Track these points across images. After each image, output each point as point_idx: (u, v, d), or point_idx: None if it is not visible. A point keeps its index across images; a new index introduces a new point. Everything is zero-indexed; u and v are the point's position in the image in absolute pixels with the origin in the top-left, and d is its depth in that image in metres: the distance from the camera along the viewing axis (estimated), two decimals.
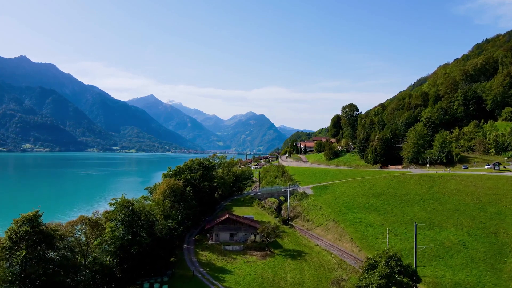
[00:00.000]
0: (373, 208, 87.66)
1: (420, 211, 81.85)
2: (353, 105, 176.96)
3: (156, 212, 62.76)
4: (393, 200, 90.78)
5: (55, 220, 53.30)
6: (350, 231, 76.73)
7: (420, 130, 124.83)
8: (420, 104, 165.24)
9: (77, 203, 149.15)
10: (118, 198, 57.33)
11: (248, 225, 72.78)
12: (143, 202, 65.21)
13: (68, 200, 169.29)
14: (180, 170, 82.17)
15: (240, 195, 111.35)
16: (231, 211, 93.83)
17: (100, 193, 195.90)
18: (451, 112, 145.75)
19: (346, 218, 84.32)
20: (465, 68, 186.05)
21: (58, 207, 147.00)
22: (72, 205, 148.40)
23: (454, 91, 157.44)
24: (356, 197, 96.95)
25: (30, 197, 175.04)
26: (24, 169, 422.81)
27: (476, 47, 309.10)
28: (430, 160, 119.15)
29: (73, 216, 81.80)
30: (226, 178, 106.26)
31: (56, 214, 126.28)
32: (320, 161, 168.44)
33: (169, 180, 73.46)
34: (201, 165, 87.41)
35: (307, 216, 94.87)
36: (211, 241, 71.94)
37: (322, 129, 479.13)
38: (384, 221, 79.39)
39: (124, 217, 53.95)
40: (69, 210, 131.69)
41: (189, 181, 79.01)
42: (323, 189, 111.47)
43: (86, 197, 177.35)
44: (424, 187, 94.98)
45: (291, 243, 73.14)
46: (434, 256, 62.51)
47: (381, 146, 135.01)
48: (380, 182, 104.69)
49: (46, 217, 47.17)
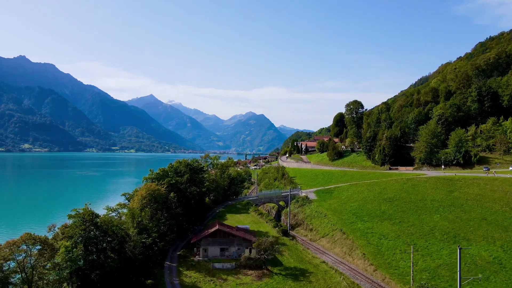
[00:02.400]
0: (385, 216, 76.87)
1: (440, 220, 71.01)
2: (358, 102, 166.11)
3: (129, 225, 52.02)
4: (408, 206, 79.97)
5: (21, 230, 43.09)
6: (361, 244, 65.95)
7: (433, 128, 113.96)
8: (429, 101, 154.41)
9: (59, 208, 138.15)
10: (80, 208, 46.67)
11: (242, 238, 61.99)
12: (110, 215, 54.29)
13: (51, 205, 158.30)
14: (164, 173, 71.16)
15: (235, 200, 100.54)
16: (224, 218, 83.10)
17: (90, 195, 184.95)
18: (465, 109, 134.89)
19: (355, 227, 73.54)
20: (477, 63, 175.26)
21: (35, 213, 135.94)
22: (52, 211, 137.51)
23: (467, 87, 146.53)
24: (365, 203, 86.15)
25: (7, 201, 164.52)
26: (17, 169, 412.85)
27: (479, 45, 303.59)
28: (445, 161, 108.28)
29: (51, 222, 71.48)
30: (219, 181, 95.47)
31: (30, 222, 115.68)
32: (323, 161, 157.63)
33: (150, 185, 62.64)
34: (188, 167, 76.48)
35: (310, 224, 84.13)
36: (198, 257, 61.20)
37: (323, 128, 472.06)
38: (399, 232, 68.61)
39: (84, 234, 43.24)
40: (48, 217, 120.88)
41: (174, 186, 68.20)
42: (328, 193, 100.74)
43: (72, 201, 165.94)
44: (442, 192, 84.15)
45: (293, 259, 62.33)
46: (466, 278, 51.70)
47: (389, 146, 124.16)
48: (391, 185, 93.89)
49: (16, 225, 36.54)
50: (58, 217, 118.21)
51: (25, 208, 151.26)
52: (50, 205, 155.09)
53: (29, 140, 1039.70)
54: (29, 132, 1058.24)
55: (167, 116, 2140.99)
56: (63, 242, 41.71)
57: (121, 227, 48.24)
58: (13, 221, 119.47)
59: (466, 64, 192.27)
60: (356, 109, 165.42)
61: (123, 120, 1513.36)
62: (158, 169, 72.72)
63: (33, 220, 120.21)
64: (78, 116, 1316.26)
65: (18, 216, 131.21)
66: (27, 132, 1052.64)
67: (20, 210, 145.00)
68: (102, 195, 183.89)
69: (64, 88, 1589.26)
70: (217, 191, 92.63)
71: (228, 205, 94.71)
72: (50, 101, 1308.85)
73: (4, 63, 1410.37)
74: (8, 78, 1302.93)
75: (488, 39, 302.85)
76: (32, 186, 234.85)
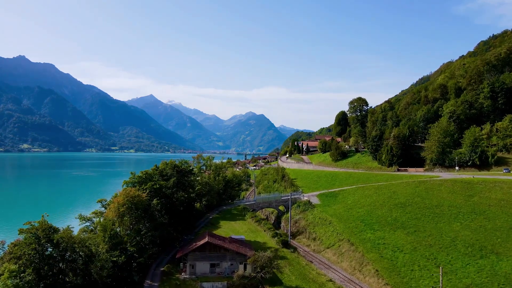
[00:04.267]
0: (398, 224, 68.36)
1: (462, 230, 62.49)
2: (362, 99, 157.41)
3: (100, 240, 43.62)
4: (423, 213, 71.45)
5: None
6: (372, 257, 57.45)
7: (446, 125, 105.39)
8: (438, 98, 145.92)
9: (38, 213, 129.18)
10: (36, 221, 38.28)
11: (236, 252, 53.51)
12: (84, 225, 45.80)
13: (37, 208, 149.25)
14: (147, 177, 62.41)
15: (231, 205, 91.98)
16: (217, 226, 74.61)
17: (81, 198, 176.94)
18: (477, 106, 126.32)
19: (364, 237, 65.05)
20: (487, 58, 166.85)
21: (8, 218, 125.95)
22: (34, 215, 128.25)
23: (479, 83, 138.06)
24: (374, 209, 77.63)
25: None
26: (10, 170, 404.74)
27: (482, 44, 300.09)
28: (459, 162, 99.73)
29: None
30: (213, 184, 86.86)
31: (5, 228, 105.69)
32: (325, 162, 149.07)
33: (129, 190, 54.14)
34: (175, 169, 67.85)
35: (313, 232, 75.65)
36: (184, 274, 52.74)
37: (323, 128, 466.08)
38: (416, 244, 60.08)
39: (36, 254, 34.83)
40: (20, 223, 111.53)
41: (158, 191, 59.77)
42: (332, 197, 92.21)
43: (62, 204, 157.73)
44: (460, 196, 75.61)
45: (294, 276, 53.88)
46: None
47: (397, 145, 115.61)
48: (402, 189, 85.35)
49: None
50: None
51: (13, 208, 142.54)
52: (31, 209, 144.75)
53: (28, 140, 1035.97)
54: (28, 132, 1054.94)
55: (167, 116, 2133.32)
56: (7, 266, 33.30)
57: (85, 244, 39.78)
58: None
59: (475, 59, 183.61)
60: (360, 106, 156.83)
61: (122, 120, 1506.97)
62: (140, 172, 64.03)
63: (3, 227, 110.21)
64: (77, 116, 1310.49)
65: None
66: (26, 132, 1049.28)
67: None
68: (94, 197, 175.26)
69: (63, 88, 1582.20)
70: (210, 195, 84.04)
71: (222, 211, 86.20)
72: (49, 101, 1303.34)
73: (3, 63, 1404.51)
74: (7, 78, 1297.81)
75: (492, 37, 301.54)
76: (20, 188, 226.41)
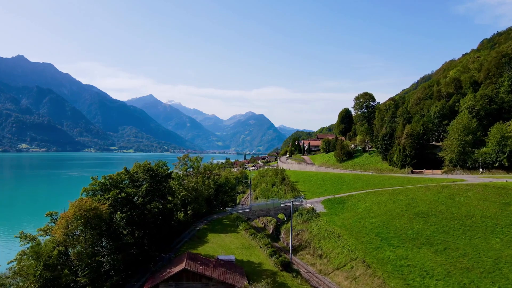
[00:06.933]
0: (422, 239, 56.15)
1: (504, 248, 50.24)
2: (369, 94, 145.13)
3: (31, 270, 31.71)
4: (451, 225, 59.26)
5: None
6: (396, 286, 45.33)
7: (467, 122, 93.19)
8: (453, 92, 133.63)
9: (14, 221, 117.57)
10: None
11: (221, 281, 41.38)
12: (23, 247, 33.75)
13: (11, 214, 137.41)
14: (112, 183, 49.75)
15: (222, 213, 79.75)
16: (204, 241, 62.28)
17: None
18: (498, 101, 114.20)
19: (382, 257, 52.90)
20: (503, 50, 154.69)
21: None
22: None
23: (498, 76, 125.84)
24: (390, 219, 65.46)
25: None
26: (3, 170, 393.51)
27: (486, 41, 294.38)
28: (483, 163, 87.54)
29: None
30: (201, 189, 74.66)
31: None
32: (329, 163, 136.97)
33: (84, 201, 42.06)
34: (148, 173, 55.36)
35: (318, 248, 63.52)
36: None
37: (323, 128, 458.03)
38: (449, 266, 47.89)
39: None
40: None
41: (125, 201, 47.58)
42: (339, 204, 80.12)
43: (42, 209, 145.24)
44: (494, 205, 63.42)
45: None
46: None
47: (411, 144, 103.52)
48: (422, 195, 73.21)
49: None
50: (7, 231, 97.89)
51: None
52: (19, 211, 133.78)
53: (26, 140, 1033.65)
54: (27, 132, 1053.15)
55: (167, 116, 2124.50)
56: None
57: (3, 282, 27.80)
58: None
59: (490, 52, 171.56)
60: (367, 102, 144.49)
61: (122, 120, 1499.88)
62: (102, 177, 51.40)
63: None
64: (76, 116, 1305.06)
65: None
66: (24, 132, 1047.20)
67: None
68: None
69: (62, 88, 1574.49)
70: (197, 202, 71.73)
71: (212, 220, 74.01)
72: (48, 101, 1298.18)
73: (2, 63, 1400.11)
74: (6, 78, 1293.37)
75: (496, 35, 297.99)
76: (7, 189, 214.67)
